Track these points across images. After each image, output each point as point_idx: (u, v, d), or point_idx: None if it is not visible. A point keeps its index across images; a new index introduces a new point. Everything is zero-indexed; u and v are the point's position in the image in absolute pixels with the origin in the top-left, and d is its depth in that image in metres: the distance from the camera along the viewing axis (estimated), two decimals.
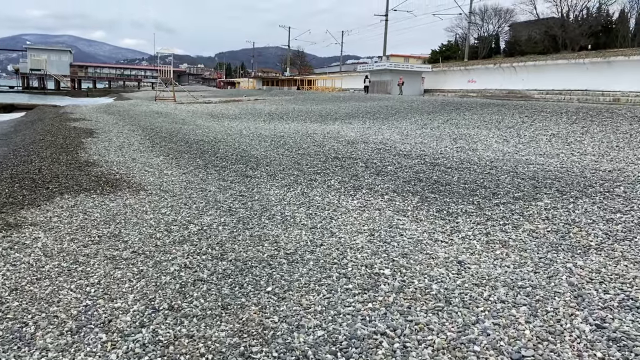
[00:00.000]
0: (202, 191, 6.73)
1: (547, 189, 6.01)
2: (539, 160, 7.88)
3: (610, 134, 9.88)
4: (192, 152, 9.85)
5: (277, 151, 9.52)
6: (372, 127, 14.45)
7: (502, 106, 16.70)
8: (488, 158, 8.19)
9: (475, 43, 72.02)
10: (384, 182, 6.79)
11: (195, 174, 7.98)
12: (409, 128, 13.52)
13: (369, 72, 45.72)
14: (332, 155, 8.75)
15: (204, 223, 5.10)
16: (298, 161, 8.40)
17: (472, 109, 16.79)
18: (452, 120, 14.54)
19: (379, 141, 10.64)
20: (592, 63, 27.73)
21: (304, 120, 17.90)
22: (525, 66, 33.30)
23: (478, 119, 14.21)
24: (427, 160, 8.02)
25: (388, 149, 9.31)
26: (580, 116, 12.19)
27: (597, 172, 6.86)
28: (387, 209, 5.60)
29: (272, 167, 7.99)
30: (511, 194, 5.90)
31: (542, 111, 13.98)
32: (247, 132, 13.12)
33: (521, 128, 11.73)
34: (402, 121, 15.58)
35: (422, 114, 16.98)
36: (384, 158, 8.37)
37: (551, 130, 10.96)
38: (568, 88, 28.51)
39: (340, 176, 7.23)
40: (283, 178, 7.27)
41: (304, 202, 5.95)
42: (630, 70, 25.31)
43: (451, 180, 6.71)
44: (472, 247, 4.32)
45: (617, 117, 11.36)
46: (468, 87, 38.61)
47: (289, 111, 21.92)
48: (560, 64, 30.09)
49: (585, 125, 11.11)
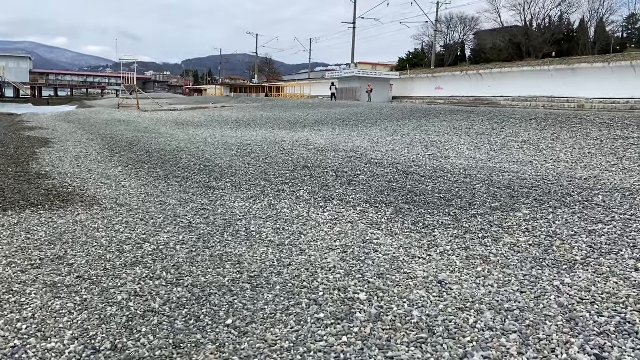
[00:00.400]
0: (161, 205, 6.27)
1: (525, 199, 5.78)
2: (513, 168, 7.69)
3: (581, 140, 9.82)
4: (153, 162, 9.34)
5: (243, 160, 9.09)
6: (341, 134, 14.16)
7: (470, 113, 16.67)
8: (461, 166, 7.96)
9: (442, 51, 73.03)
10: (356, 192, 6.46)
11: (155, 185, 7.50)
12: (379, 135, 13.27)
13: (338, 79, 45.66)
14: (301, 164, 8.38)
15: (160, 241, 4.66)
16: (265, 171, 8.00)
17: (441, 116, 16.71)
18: (422, 127, 14.38)
19: (350, 149, 10.33)
20: (557, 70, 28.25)
21: (272, 128, 17.50)
22: (491, 73, 33.74)
23: (448, 126, 14.08)
24: (400, 169, 7.73)
25: (359, 157, 9.00)
26: (549, 122, 12.16)
27: (574, 180, 6.69)
28: (360, 221, 5.26)
29: (238, 178, 7.57)
30: (488, 204, 5.64)
31: (511, 118, 13.94)
32: (213, 140, 12.65)
33: (492, 135, 11.61)
34: (372, 128, 15.35)
35: (391, 121, 16.81)
36: (356, 166, 8.05)
37: (522, 137, 10.86)
38: (534, 95, 28.96)
39: (310, 186, 6.87)
40: (249, 189, 6.86)
41: (271, 216, 5.56)
42: (594, 77, 25.86)
43: (425, 189, 6.43)
44: (452, 264, 4.02)
45: (587, 123, 11.36)
46: (435, 94, 38.90)
47: (257, 118, 21.49)
48: (525, 71, 30.57)
49: (555, 131, 11.06)
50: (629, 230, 4.59)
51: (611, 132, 10.25)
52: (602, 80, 24.89)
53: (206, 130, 16.36)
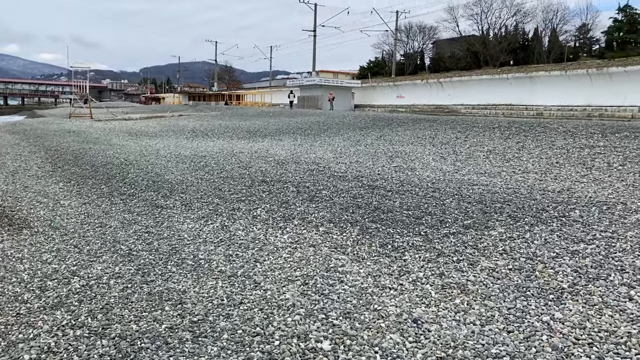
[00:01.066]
0: (101, 227, 5.60)
1: (498, 215, 5.39)
2: (482, 180, 7.34)
3: (547, 149, 9.61)
4: (98, 178, 8.59)
5: (196, 174, 8.45)
6: (303, 144, 13.66)
7: (433, 121, 16.46)
8: (429, 179, 7.56)
9: (402, 59, 73.76)
10: (319, 209, 5.94)
11: (97, 204, 6.80)
12: (342, 145, 12.83)
13: (299, 87, 45.23)
14: (259, 179, 7.80)
15: (92, 275, 4.02)
16: (219, 186, 7.38)
17: (404, 125, 16.44)
18: (385, 137, 14.03)
19: (312, 161, 9.83)
20: (515, 78, 28.61)
21: (230, 138, 16.84)
22: (451, 82, 33.97)
23: (411, 135, 13.78)
24: (365, 183, 7.26)
25: (322, 170, 8.49)
26: (513, 131, 11.99)
27: (546, 193, 6.37)
28: (323, 244, 4.75)
29: (189, 195, 6.94)
30: (460, 222, 5.22)
31: (474, 126, 13.75)
32: (166, 152, 11.92)
33: (456, 144, 11.33)
34: (335, 137, 14.91)
35: (354, 130, 16.42)
36: (318, 181, 7.53)
37: (487, 146, 10.61)
38: (493, 103, 29.23)
39: (268, 204, 6.31)
40: (200, 208, 6.25)
41: (223, 239, 4.98)
42: (551, 85, 26.26)
43: (393, 205, 5.97)
44: (427, 295, 3.55)
45: (551, 131, 11.22)
46: (397, 102, 38.94)
47: (215, 127, 20.77)
48: (484, 80, 30.86)
49: (519, 140, 10.86)
50: (613, 251, 4.23)
51: (576, 140, 10.11)
52: (560, 88, 25.30)
53: (160, 141, 15.57)
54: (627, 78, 22.49)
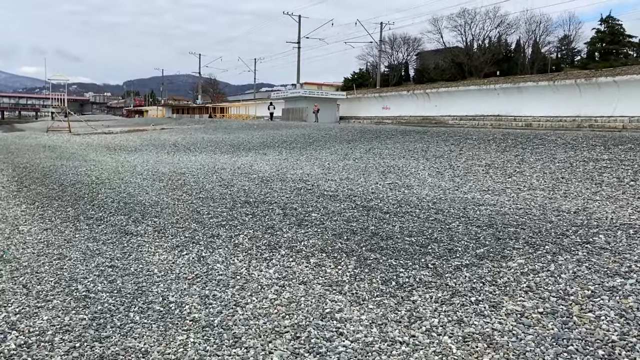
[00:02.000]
0: (60, 260, 4.86)
1: (514, 241, 4.75)
2: (488, 199, 6.71)
3: (549, 163, 9.06)
4: (65, 199, 7.81)
5: (173, 195, 7.71)
6: (289, 158, 12.99)
7: (423, 134, 15.92)
8: (428, 198, 6.92)
9: (386, 71, 73.79)
10: (309, 236, 5.26)
11: (60, 230, 6.04)
12: (329, 159, 12.18)
13: (284, 99, 44.67)
14: (241, 199, 7.09)
15: (35, 328, 3.28)
16: (198, 209, 6.66)
17: (393, 137, 15.88)
18: (374, 150, 13.42)
19: (299, 177, 9.14)
20: (503, 89, 28.31)
21: (213, 152, 16.12)
22: (438, 92, 33.62)
23: (402, 148, 13.20)
24: (359, 203, 6.59)
25: (310, 189, 7.80)
26: (509, 143, 11.46)
27: (561, 213, 5.76)
28: (316, 280, 4.06)
29: (163, 219, 6.20)
30: (472, 250, 4.57)
31: (467, 138, 13.22)
32: (143, 168, 11.15)
33: (451, 158, 10.75)
34: (322, 151, 14.28)
35: (341, 143, 15.81)
36: (306, 201, 6.84)
37: (484, 160, 10.03)
38: (481, 113, 28.89)
39: (252, 229, 5.61)
40: (175, 235, 5.52)
41: (199, 275, 4.27)
42: (539, 95, 25.98)
43: (392, 231, 5.30)
44: (447, 352, 2.88)
45: (549, 144, 10.70)
46: (383, 113, 38.52)
47: (197, 141, 20.02)
48: (472, 90, 30.54)
49: (518, 153, 10.31)
50: None
51: (578, 153, 9.58)
52: (548, 98, 25.02)
53: (139, 156, 14.79)
54: (616, 88, 22.26)
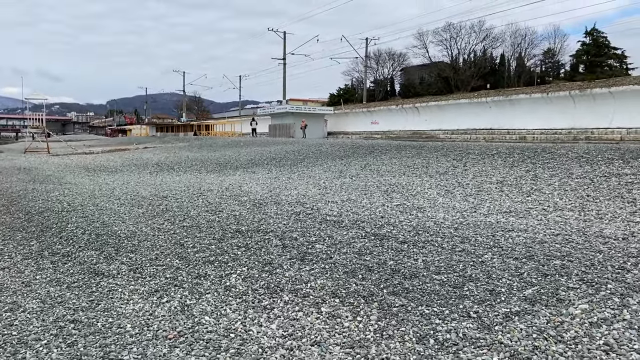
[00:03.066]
0: (11, 312, 3.94)
1: (566, 278, 3.93)
2: (515, 223, 5.90)
3: (566, 179, 8.31)
4: (30, 229, 6.85)
5: (153, 223, 6.77)
6: (280, 176, 12.13)
7: (420, 148, 15.20)
8: (447, 223, 6.07)
9: (372, 86, 73.62)
10: (315, 274, 4.38)
11: (19, 269, 5.11)
12: (324, 177, 11.35)
13: (270, 115, 43.93)
14: (232, 228, 6.18)
15: None
16: (181, 240, 5.74)
17: (388, 152, 15.13)
18: (370, 166, 12.62)
19: (295, 199, 8.27)
20: (495, 102, 27.80)
21: (199, 171, 15.21)
22: (427, 106, 33.08)
23: (400, 164, 12.42)
24: (369, 230, 5.72)
25: (309, 213, 6.91)
26: (516, 158, 10.73)
27: (608, 240, 4.96)
28: (332, 339, 3.19)
29: (140, 254, 5.28)
30: (518, 292, 3.74)
31: (469, 153, 12.49)
32: (122, 191, 10.19)
33: (457, 174, 9.97)
34: (314, 168, 13.45)
35: (334, 159, 15.01)
36: (307, 229, 5.96)
37: (494, 176, 9.26)
38: (473, 127, 28.32)
39: (246, 266, 4.72)
40: (154, 275, 4.61)
41: (183, 332, 3.37)
42: (532, 108, 25.48)
43: (415, 266, 4.45)
44: None
45: (561, 157, 9.98)
46: (371, 128, 37.88)
47: (182, 160, 19.10)
48: (462, 104, 30.02)
49: (529, 168, 9.57)
50: None
51: (595, 167, 8.86)
52: (541, 111, 24.52)
53: (119, 177, 13.83)
54: (612, 99, 21.81)
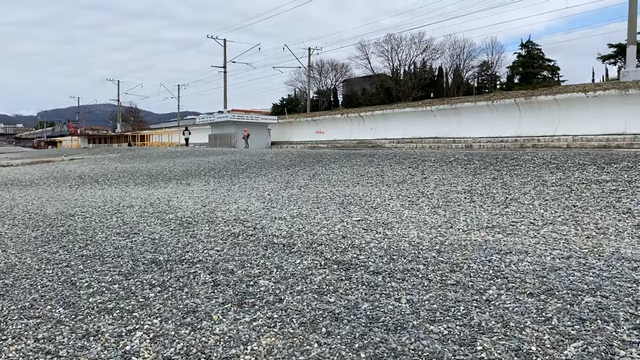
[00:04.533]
0: None
1: (614, 326, 2.79)
2: (509, 242, 4.75)
3: (541, 187, 7.38)
4: None
5: (44, 252, 5.17)
6: (218, 189, 10.67)
7: (371, 156, 14.16)
8: (425, 243, 4.84)
9: (315, 97, 72.98)
10: (259, 329, 3.03)
11: None
12: (269, 188, 9.99)
13: (210, 124, 42.07)
14: (147, 257, 4.70)
15: None
16: (75, 277, 4.21)
17: (337, 161, 14.00)
18: (320, 176, 11.39)
19: (233, 216, 6.86)
20: (439, 110, 27.43)
21: (126, 184, 13.46)
22: (373, 115, 32.40)
23: (352, 173, 11.27)
24: (329, 257, 4.41)
25: (251, 234, 5.51)
26: (477, 165, 9.82)
27: (635, 265, 3.90)
28: None
29: (9, 300, 3.72)
30: (555, 350, 2.55)
31: (424, 160, 11.53)
32: (22, 209, 8.42)
33: (416, 183, 8.90)
34: (257, 179, 12.07)
35: (279, 169, 13.70)
36: (249, 256, 4.58)
37: (459, 185, 8.24)
38: (419, 136, 27.80)
39: (159, 317, 3.30)
40: (19, 336, 3.10)
41: None
42: (477, 116, 25.22)
43: (401, 311, 3.18)
44: None
45: (526, 164, 9.13)
46: (317, 138, 36.85)
47: (109, 172, 17.17)
48: (408, 112, 29.51)
49: (495, 176, 8.64)
50: None
51: (568, 174, 8.02)
52: (487, 119, 24.28)
53: (32, 192, 11.91)
54: (557, 107, 21.77)
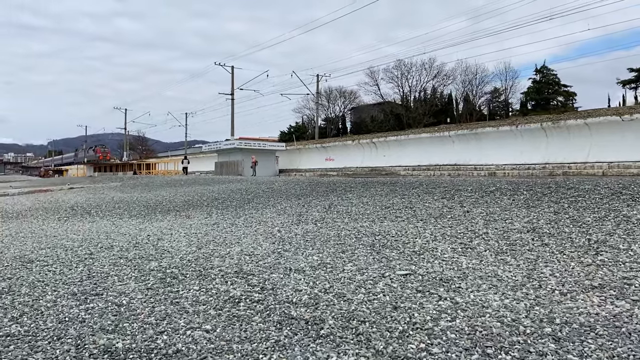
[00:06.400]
0: None
1: None
2: None
3: (624, 223, 5.80)
4: None
5: None
6: (220, 222, 9.17)
7: (392, 185, 12.64)
8: (525, 324, 3.25)
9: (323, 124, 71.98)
10: None
11: None
12: (279, 222, 8.47)
13: (217, 151, 40.84)
14: (98, 345, 3.11)
15: None
16: None
17: (354, 190, 12.48)
18: (337, 207, 9.85)
19: (235, 265, 5.29)
20: (458, 136, 25.93)
21: (120, 216, 12.00)
22: (386, 142, 30.97)
23: (374, 204, 9.73)
24: (385, 351, 2.74)
25: (259, 299, 3.90)
26: (527, 195, 8.26)
27: None
28: None
29: None
30: None
31: (458, 189, 9.98)
32: None
33: (458, 218, 7.33)
34: (265, 210, 10.55)
35: (289, 199, 12.19)
36: (254, 344, 2.99)
37: (516, 222, 6.66)
38: (435, 163, 26.27)
39: None
40: None
41: None
42: (500, 142, 23.70)
43: None
44: None
45: (590, 193, 7.57)
46: (326, 165, 35.40)
47: (104, 202, 15.74)
48: (423, 138, 28.04)
49: (555, 209, 7.07)
50: None
51: None
52: (511, 145, 22.76)
53: (11, 226, 10.49)
54: (588, 131, 20.24)
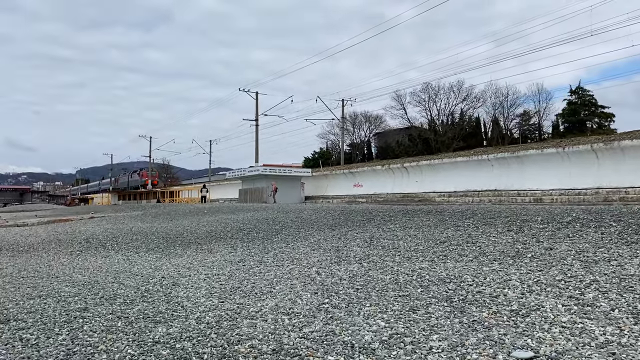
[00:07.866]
0: None
1: None
2: None
3: None
4: None
5: None
6: (246, 259, 7.87)
7: (438, 213, 11.19)
8: None
9: (348, 149, 70.89)
10: None
11: None
12: (315, 261, 7.11)
13: (241, 178, 39.91)
14: None
15: None
16: None
17: (394, 219, 11.05)
18: (381, 242, 8.45)
19: (271, 339, 3.95)
20: (498, 159, 24.30)
21: (136, 249, 10.82)
22: (418, 166, 29.46)
23: (424, 238, 8.31)
24: None
25: None
26: (617, 228, 6.75)
27: None
28: None
29: None
30: None
31: (525, 220, 8.50)
32: None
33: (542, 258, 5.88)
34: (296, 243, 9.22)
35: (321, 229, 10.83)
36: None
37: (628, 265, 5.18)
38: (474, 188, 24.64)
39: None
40: None
41: None
42: (545, 165, 22.02)
43: None
44: None
45: None
46: (355, 192, 33.98)
47: (123, 233, 14.62)
48: (459, 162, 26.47)
49: None
50: None
51: None
52: (557, 168, 21.08)
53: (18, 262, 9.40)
54: None
